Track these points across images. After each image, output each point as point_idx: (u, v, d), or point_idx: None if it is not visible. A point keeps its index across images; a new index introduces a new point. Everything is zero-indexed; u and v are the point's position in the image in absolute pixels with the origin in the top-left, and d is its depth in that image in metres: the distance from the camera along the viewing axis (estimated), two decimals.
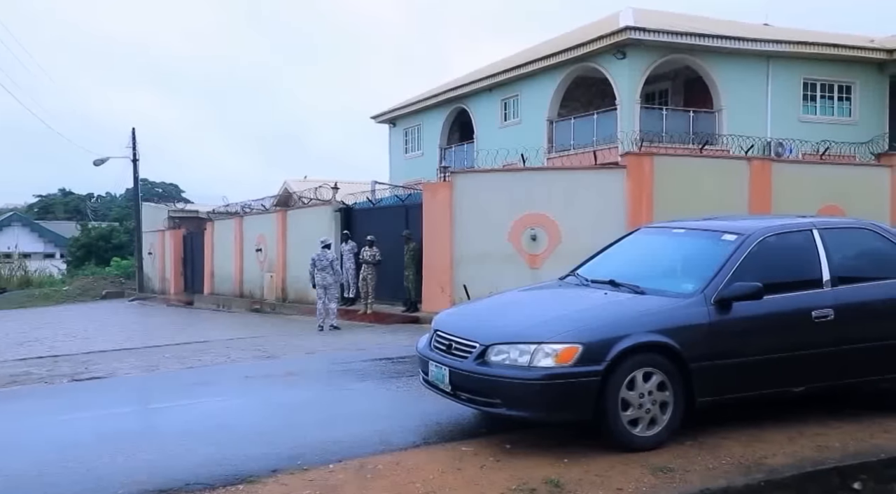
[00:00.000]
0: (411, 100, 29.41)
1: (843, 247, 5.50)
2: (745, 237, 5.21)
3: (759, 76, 20.76)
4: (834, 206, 15.45)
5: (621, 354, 4.56)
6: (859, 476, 4.37)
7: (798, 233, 5.45)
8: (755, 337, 4.96)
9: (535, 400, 4.55)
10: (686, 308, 4.86)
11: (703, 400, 4.80)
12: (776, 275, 5.16)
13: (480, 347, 4.75)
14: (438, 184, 15.68)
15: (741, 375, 4.91)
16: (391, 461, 4.47)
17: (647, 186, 13.95)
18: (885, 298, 5.36)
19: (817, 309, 5.07)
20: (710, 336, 4.82)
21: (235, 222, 24.17)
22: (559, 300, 5.52)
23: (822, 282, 5.19)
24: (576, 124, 21.71)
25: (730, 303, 4.87)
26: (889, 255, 5.55)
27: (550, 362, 4.52)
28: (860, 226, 5.82)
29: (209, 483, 4.19)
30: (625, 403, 4.58)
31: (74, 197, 69.97)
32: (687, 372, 4.70)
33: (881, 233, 5.65)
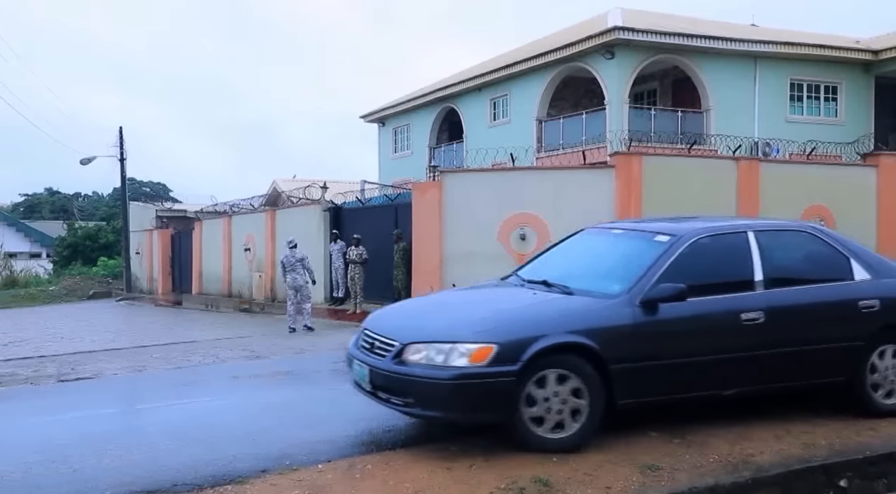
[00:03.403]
0: (400, 99, 29.40)
1: (780, 249, 5.45)
2: (677, 238, 5.16)
3: (747, 76, 20.90)
4: (821, 206, 15.57)
5: (537, 355, 4.49)
6: (845, 474, 4.40)
7: (732, 234, 5.39)
8: (682, 339, 4.89)
9: (447, 400, 4.51)
10: (609, 309, 4.80)
11: (624, 403, 4.72)
12: (707, 277, 5.12)
13: (399, 346, 4.71)
14: (428, 184, 15.68)
15: (667, 378, 4.85)
16: (380, 460, 4.46)
17: (635, 186, 13.99)
18: (819, 301, 5.27)
19: (747, 312, 4.99)
20: (634, 337, 4.75)
21: (224, 222, 24.07)
22: (487, 300, 5.48)
23: (754, 285, 5.12)
24: (565, 124, 21.77)
25: (656, 305, 4.80)
26: (828, 259, 5.48)
27: (464, 361, 4.46)
28: (800, 228, 5.76)
29: (197, 484, 4.17)
30: (532, 402, 4.50)
31: (61, 196, 69.45)
32: (607, 374, 4.62)
33: (821, 237, 5.58)
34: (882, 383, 5.32)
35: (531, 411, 4.52)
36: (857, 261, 5.46)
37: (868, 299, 5.29)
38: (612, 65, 19.89)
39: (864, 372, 5.26)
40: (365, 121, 31.57)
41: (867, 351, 5.26)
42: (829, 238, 5.59)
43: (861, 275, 5.42)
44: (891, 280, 5.48)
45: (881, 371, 5.31)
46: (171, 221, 30.20)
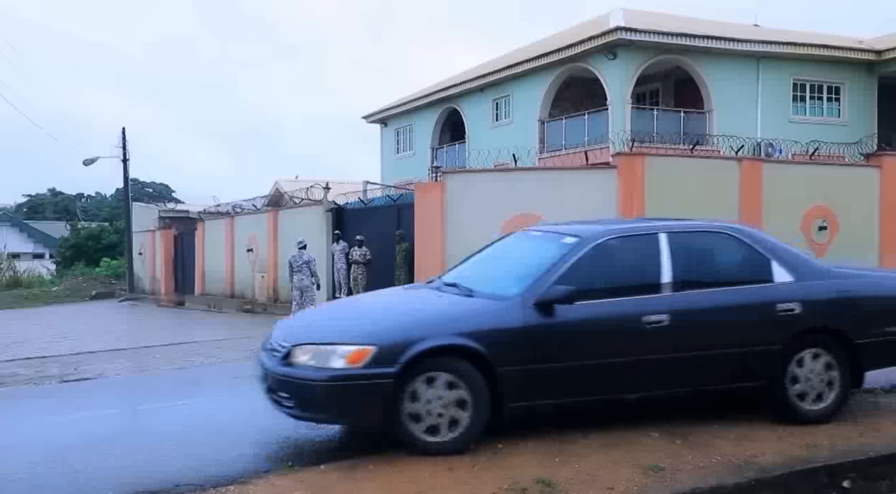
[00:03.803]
0: (402, 99, 29.40)
1: (694, 251, 5.33)
2: (581, 241, 5.12)
3: (750, 77, 20.86)
4: (823, 206, 15.56)
5: (417, 357, 4.46)
6: (848, 475, 4.39)
7: (642, 236, 5.30)
8: (580, 342, 4.81)
9: (322, 401, 4.52)
10: (500, 311, 4.76)
11: (515, 405, 4.70)
12: (610, 279, 5.08)
13: (287, 348, 4.72)
14: (430, 185, 15.68)
15: (564, 381, 4.78)
16: (383, 461, 4.46)
17: (638, 186, 13.97)
18: (731, 304, 5.12)
19: (650, 315, 4.88)
20: (526, 340, 4.69)
21: (226, 222, 24.08)
22: (390, 303, 5.49)
23: (661, 287, 5.02)
24: (567, 124, 21.75)
25: (551, 307, 4.73)
26: (747, 261, 5.33)
27: (342, 363, 4.46)
28: (720, 230, 5.55)
29: (199, 484, 4.17)
30: (414, 404, 4.48)
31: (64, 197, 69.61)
32: (493, 376, 4.56)
33: (741, 238, 5.41)
34: (805, 388, 5.14)
35: (413, 413, 4.49)
36: (780, 263, 5.29)
37: (787, 302, 5.13)
38: (615, 65, 19.88)
39: (784, 376, 5.09)
40: (367, 121, 31.58)
41: (787, 356, 5.10)
42: (750, 239, 5.41)
43: (782, 278, 5.25)
44: (815, 282, 5.31)
45: (803, 375, 5.13)
46: (173, 222, 30.21)
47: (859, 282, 5.51)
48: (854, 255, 15.66)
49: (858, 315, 5.31)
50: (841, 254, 15.53)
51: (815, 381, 5.15)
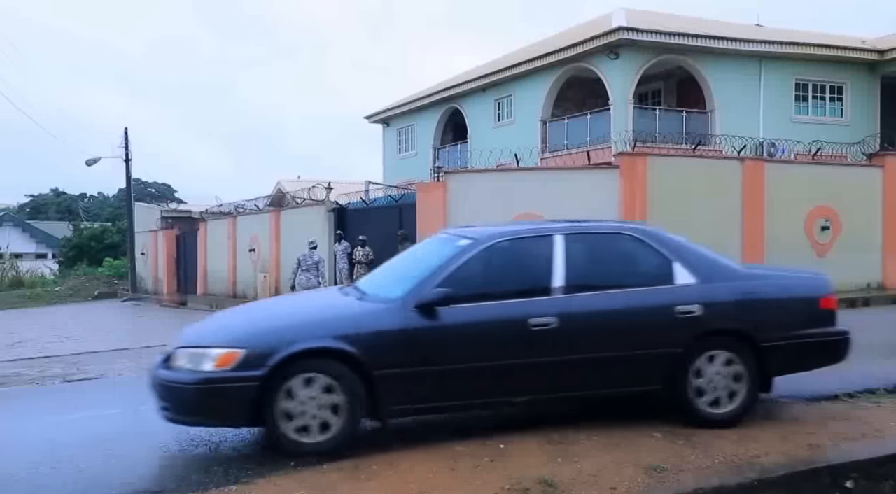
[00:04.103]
0: (405, 100, 29.42)
1: (592, 253, 5.27)
2: (472, 243, 5.10)
3: (752, 76, 20.85)
4: (826, 206, 15.54)
5: (287, 359, 4.47)
6: (851, 475, 4.38)
7: (535, 238, 5.24)
8: (463, 345, 4.76)
9: (191, 404, 4.55)
10: (379, 313, 4.78)
11: (397, 409, 4.72)
12: (500, 281, 5.04)
13: (169, 351, 4.74)
14: (432, 184, 15.68)
15: (446, 384, 4.75)
16: (385, 461, 4.46)
17: (640, 186, 13.98)
18: (625, 307, 5.02)
19: (536, 317, 4.81)
20: (406, 343, 4.68)
21: (229, 222, 24.11)
22: (290, 306, 5.51)
23: (551, 289, 4.95)
24: (569, 124, 21.75)
25: (433, 309, 4.71)
26: (648, 262, 5.24)
27: (211, 366, 4.49)
28: (621, 231, 5.51)
29: (202, 484, 4.17)
30: (287, 406, 4.48)
31: (66, 197, 69.72)
32: (369, 379, 4.56)
33: (643, 239, 5.31)
34: (709, 391, 5.02)
35: (287, 412, 4.50)
36: (683, 265, 5.19)
37: (687, 304, 5.02)
38: (617, 65, 19.87)
39: (685, 379, 4.98)
40: (369, 121, 31.61)
41: (689, 358, 4.99)
42: (653, 240, 5.31)
43: (684, 280, 5.14)
44: (719, 284, 5.19)
45: (705, 378, 5.01)
46: (176, 222, 30.23)
47: (766, 284, 5.39)
48: (856, 255, 15.68)
49: (764, 317, 5.18)
50: (843, 254, 15.55)
51: (720, 384, 5.04)
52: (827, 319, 5.37)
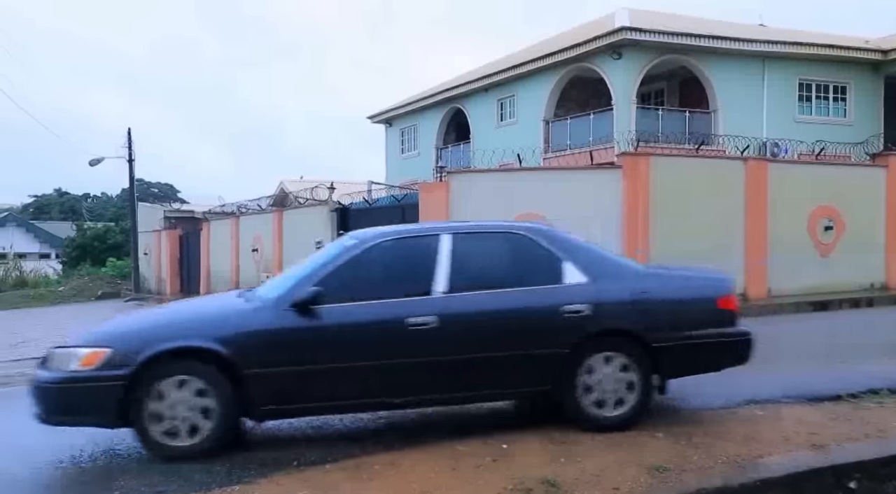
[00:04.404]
0: (407, 100, 29.43)
1: (480, 253, 5.23)
2: (357, 243, 5.12)
3: (755, 76, 20.82)
4: (829, 206, 15.51)
5: (152, 359, 4.49)
6: (854, 476, 4.37)
7: (423, 237, 5.23)
8: (338, 345, 4.75)
9: (56, 404, 4.57)
10: (252, 313, 4.81)
11: (268, 409, 4.72)
12: (381, 281, 5.04)
13: (46, 352, 4.76)
14: (434, 185, 15.68)
15: (321, 384, 4.72)
16: (388, 461, 4.46)
17: (643, 186, 13.96)
18: (509, 307, 4.96)
19: (415, 317, 4.77)
20: (277, 342, 4.68)
21: (231, 222, 24.14)
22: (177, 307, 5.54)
23: (434, 289, 4.91)
24: (572, 124, 21.74)
25: (307, 308, 4.71)
26: (537, 262, 5.16)
27: (76, 365, 4.51)
28: (511, 230, 5.41)
29: (205, 484, 4.18)
30: (157, 411, 4.50)
31: (70, 197, 69.85)
32: (240, 379, 4.56)
33: (534, 239, 5.25)
34: (599, 393, 4.95)
35: (155, 416, 4.51)
36: (574, 264, 5.13)
37: (574, 304, 4.96)
38: (620, 65, 19.85)
39: (573, 381, 4.92)
40: (372, 121, 31.62)
41: (577, 359, 4.92)
42: (544, 240, 5.25)
43: (574, 279, 5.08)
44: (612, 283, 5.13)
45: (596, 380, 4.95)
46: (179, 222, 30.27)
47: (660, 284, 5.32)
48: (860, 255, 15.65)
49: (656, 317, 5.09)
50: (846, 254, 15.52)
51: (610, 386, 4.96)
52: (725, 320, 5.29)
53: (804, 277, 15.12)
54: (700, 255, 14.16)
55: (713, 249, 14.35)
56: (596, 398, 4.97)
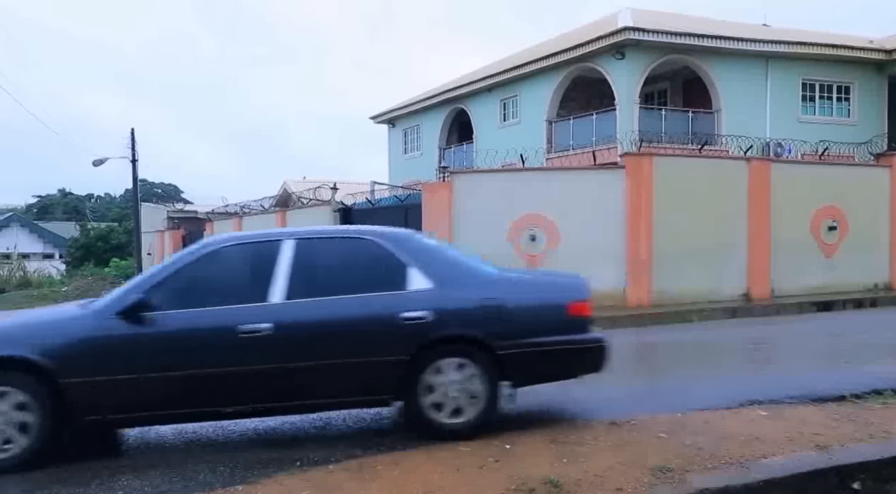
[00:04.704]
0: (410, 100, 29.45)
1: (325, 259, 5.16)
2: (196, 249, 5.07)
3: (758, 76, 20.79)
4: (832, 206, 15.49)
5: None
6: (858, 476, 4.36)
7: (263, 243, 5.16)
8: (166, 353, 4.67)
9: None
10: (76, 321, 4.76)
11: (92, 419, 4.66)
12: (217, 287, 4.96)
13: None
14: (437, 185, 15.68)
15: (147, 392, 4.65)
16: (390, 461, 4.46)
17: (646, 186, 13.95)
18: (348, 314, 4.88)
19: (247, 325, 4.70)
20: (100, 351, 4.63)
21: (234, 222, 24.19)
22: (12, 317, 5.44)
23: (271, 296, 4.83)
24: (575, 124, 21.73)
25: (137, 316, 4.66)
26: (381, 268, 5.07)
27: None
28: (359, 235, 5.34)
29: (208, 484, 4.19)
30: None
31: (73, 197, 70.09)
32: (57, 389, 4.51)
33: (382, 244, 5.17)
34: (442, 400, 4.86)
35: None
36: (421, 270, 5.04)
37: (416, 310, 4.86)
38: (623, 65, 19.84)
39: (415, 389, 4.83)
40: (375, 122, 31.65)
41: (420, 367, 4.83)
42: (392, 245, 5.17)
43: (419, 285, 4.99)
44: (457, 289, 5.04)
45: (440, 387, 4.85)
46: (182, 222, 30.37)
47: (509, 289, 5.19)
48: (864, 255, 15.62)
49: (502, 323, 4.98)
50: (850, 255, 15.49)
51: (454, 394, 4.87)
52: (577, 326, 5.13)
53: (808, 277, 15.09)
54: (703, 255, 14.17)
55: (716, 249, 14.35)
56: (439, 406, 4.87)
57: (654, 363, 9.14)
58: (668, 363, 9.05)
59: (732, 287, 14.53)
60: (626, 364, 9.60)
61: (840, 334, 10.44)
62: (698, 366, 8.41)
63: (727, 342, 10.34)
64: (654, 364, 9.06)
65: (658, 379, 7.74)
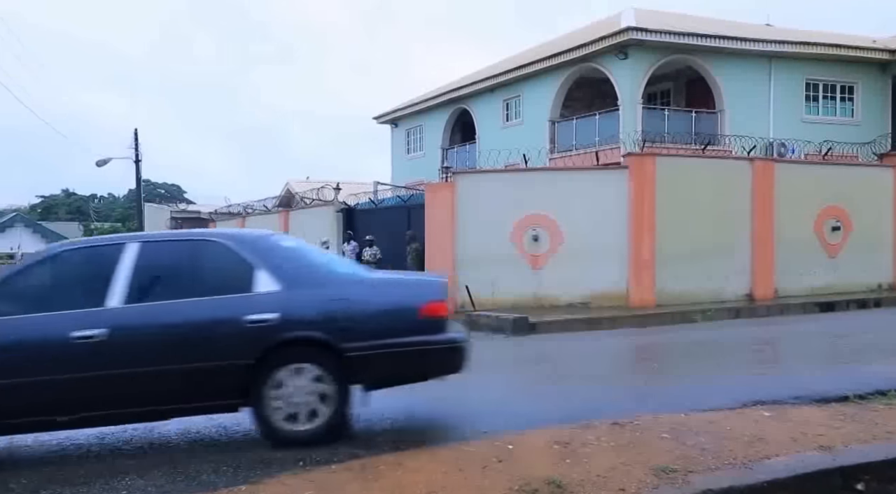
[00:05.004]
0: (413, 100, 29.47)
1: (170, 263, 5.07)
2: (35, 254, 5.04)
3: (762, 76, 20.76)
4: (836, 207, 15.47)
5: None
6: (862, 477, 4.35)
7: (105, 248, 5.10)
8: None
9: None
10: None
11: None
12: (54, 293, 4.92)
13: None
14: (440, 185, 15.70)
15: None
16: (393, 461, 4.46)
17: (649, 187, 13.94)
18: (188, 318, 4.77)
19: (81, 330, 4.60)
20: None
21: (238, 223, 24.26)
22: None
23: (107, 301, 4.75)
24: (578, 125, 21.73)
25: None
26: (228, 270, 4.98)
27: None
28: (206, 238, 5.24)
29: (212, 484, 4.19)
30: None
31: (77, 197, 70.21)
32: None
33: (229, 247, 5.06)
34: (287, 405, 4.77)
35: None
36: (270, 272, 4.93)
37: (261, 313, 4.76)
38: (626, 65, 19.83)
39: (261, 393, 4.73)
40: (378, 122, 31.67)
41: (264, 371, 4.73)
42: (240, 247, 5.07)
43: (266, 287, 4.88)
44: (305, 291, 4.94)
45: (285, 392, 4.76)
46: (185, 222, 30.43)
47: (360, 291, 5.09)
48: (867, 255, 15.60)
49: (350, 325, 4.88)
50: (854, 255, 15.47)
51: (302, 398, 4.78)
52: (430, 327, 5.00)
53: (811, 278, 15.08)
54: (706, 255, 14.16)
55: (719, 249, 14.34)
56: (286, 410, 4.77)
57: (656, 363, 9.14)
58: (671, 363, 9.04)
59: (735, 287, 14.52)
60: (628, 364, 9.61)
61: (843, 334, 10.42)
62: (701, 367, 8.40)
63: (730, 342, 10.33)
64: (657, 364, 9.06)
65: (660, 380, 7.73)
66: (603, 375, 8.15)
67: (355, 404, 5.03)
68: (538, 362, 9.27)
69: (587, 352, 10.02)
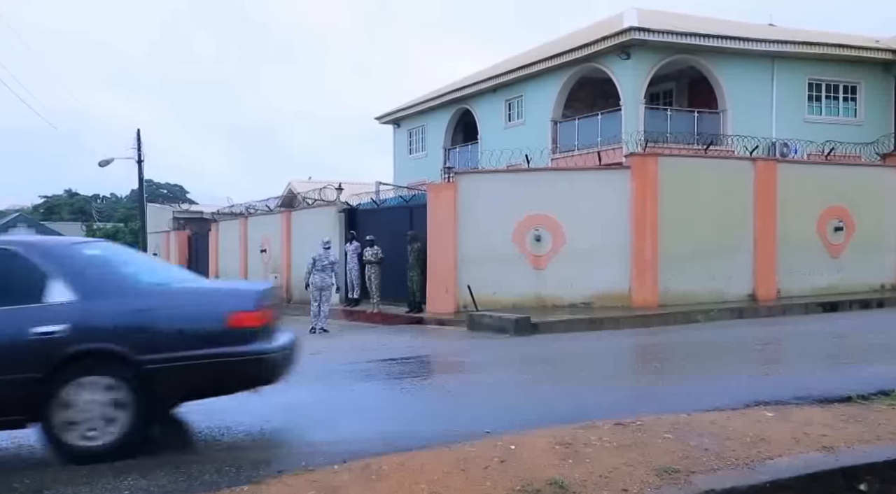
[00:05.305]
0: (415, 100, 29.47)
1: None
2: None
3: (764, 76, 20.75)
4: (839, 207, 15.44)
5: None
6: (865, 478, 4.34)
7: None
8: None
9: None
10: None
11: None
12: None
13: None
14: (442, 185, 15.70)
15: None
16: (396, 462, 4.46)
17: (651, 187, 13.93)
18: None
19: None
20: None
21: (240, 223, 24.25)
22: None
23: None
24: (580, 125, 21.73)
25: None
26: (19, 279, 4.80)
27: None
28: (2, 246, 5.03)
29: (214, 484, 4.20)
30: None
31: (80, 198, 70.32)
32: None
33: (24, 255, 4.89)
34: (78, 421, 4.59)
35: None
36: (66, 282, 4.76)
37: (51, 324, 4.59)
38: (628, 65, 19.82)
39: (50, 408, 4.54)
40: (380, 122, 31.68)
41: (54, 385, 4.55)
42: (35, 256, 4.89)
43: (59, 298, 4.71)
44: (104, 302, 4.78)
45: (76, 406, 4.58)
46: (187, 223, 30.44)
47: (166, 301, 4.95)
48: (870, 255, 15.57)
49: (151, 336, 4.73)
50: (857, 255, 15.44)
51: (94, 413, 4.60)
52: (235, 338, 4.85)
53: (814, 278, 15.07)
54: (709, 256, 14.15)
55: (722, 249, 14.33)
56: (78, 425, 4.61)
57: (659, 363, 9.13)
58: (674, 363, 9.04)
59: (738, 287, 14.51)
60: (630, 364, 9.61)
61: (846, 335, 10.41)
62: (704, 367, 8.39)
63: (733, 342, 10.32)
64: (660, 364, 9.05)
65: (663, 380, 7.72)
66: (605, 375, 8.15)
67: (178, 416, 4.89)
68: (541, 362, 9.27)
69: (589, 352, 10.02)
